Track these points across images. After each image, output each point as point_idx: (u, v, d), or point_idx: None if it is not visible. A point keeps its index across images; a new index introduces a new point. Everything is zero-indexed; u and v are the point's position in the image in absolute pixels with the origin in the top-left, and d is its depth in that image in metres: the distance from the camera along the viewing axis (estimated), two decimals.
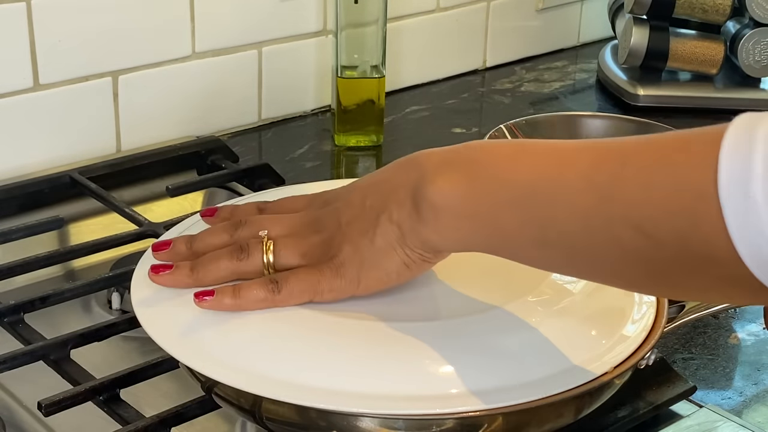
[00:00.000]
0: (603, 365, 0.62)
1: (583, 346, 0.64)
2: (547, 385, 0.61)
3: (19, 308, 0.80)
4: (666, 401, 0.75)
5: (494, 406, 0.60)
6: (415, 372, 0.61)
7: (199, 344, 0.64)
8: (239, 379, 0.62)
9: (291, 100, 1.29)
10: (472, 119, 1.31)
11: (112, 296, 0.92)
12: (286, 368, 0.62)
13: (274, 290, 0.65)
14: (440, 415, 0.60)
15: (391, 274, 0.65)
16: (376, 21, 1.18)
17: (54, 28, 1.07)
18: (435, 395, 0.60)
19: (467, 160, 0.61)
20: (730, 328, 0.88)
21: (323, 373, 0.61)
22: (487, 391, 0.60)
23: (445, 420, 0.60)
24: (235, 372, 0.62)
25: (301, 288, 0.65)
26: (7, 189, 1.00)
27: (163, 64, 1.16)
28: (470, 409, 0.60)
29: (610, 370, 0.62)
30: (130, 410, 0.70)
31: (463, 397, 0.60)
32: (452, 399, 0.60)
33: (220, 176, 1.06)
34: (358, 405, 0.60)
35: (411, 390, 0.60)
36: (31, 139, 1.09)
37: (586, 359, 0.62)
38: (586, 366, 0.62)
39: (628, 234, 0.54)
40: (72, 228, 1.01)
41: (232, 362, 0.63)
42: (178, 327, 0.66)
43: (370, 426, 0.60)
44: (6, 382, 0.79)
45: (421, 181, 0.62)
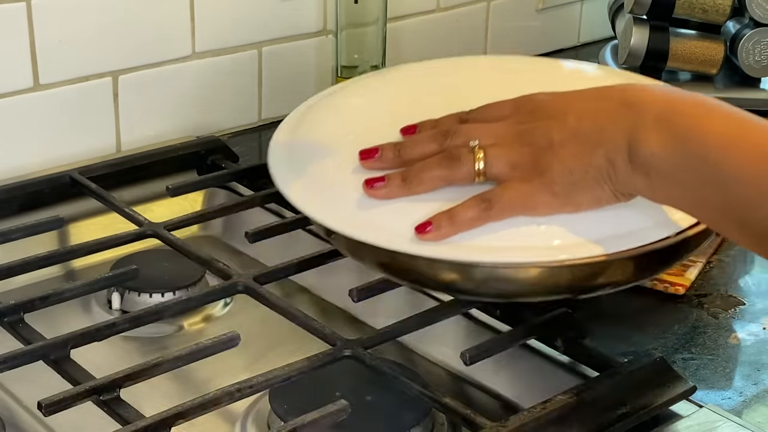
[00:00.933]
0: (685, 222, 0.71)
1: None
2: (652, 233, 0.70)
3: (19, 308, 0.80)
4: (666, 401, 0.75)
5: (617, 250, 0.69)
6: (556, 228, 0.70)
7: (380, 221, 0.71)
8: (436, 249, 0.69)
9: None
10: None
11: (112, 296, 0.92)
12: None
13: (486, 208, 0.69)
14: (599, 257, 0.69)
15: (601, 200, 0.68)
16: (376, 21, 1.18)
17: (54, 28, 1.07)
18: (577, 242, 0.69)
19: (686, 125, 0.64)
20: (730, 328, 0.88)
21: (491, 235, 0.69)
22: (606, 238, 0.69)
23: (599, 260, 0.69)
24: (419, 244, 0.69)
25: (514, 202, 0.69)
26: (7, 189, 1.00)
27: (163, 64, 1.16)
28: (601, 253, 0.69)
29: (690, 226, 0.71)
30: (130, 410, 0.70)
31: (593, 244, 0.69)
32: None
33: (220, 176, 1.06)
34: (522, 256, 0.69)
35: (552, 242, 0.69)
36: (31, 139, 1.09)
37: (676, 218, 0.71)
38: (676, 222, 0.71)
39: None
40: (72, 228, 1.01)
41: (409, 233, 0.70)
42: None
43: (532, 273, 0.70)
44: (6, 382, 0.79)
45: (636, 132, 0.65)
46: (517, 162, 0.69)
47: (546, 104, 0.71)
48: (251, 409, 0.78)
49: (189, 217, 0.96)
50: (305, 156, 0.80)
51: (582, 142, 0.67)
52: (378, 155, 0.74)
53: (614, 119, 0.66)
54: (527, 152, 0.69)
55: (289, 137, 0.83)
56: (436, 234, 0.69)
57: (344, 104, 0.87)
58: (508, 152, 0.69)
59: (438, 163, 0.71)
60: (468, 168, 0.70)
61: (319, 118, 0.85)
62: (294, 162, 0.80)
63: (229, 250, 1.04)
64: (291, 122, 0.86)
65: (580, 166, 0.67)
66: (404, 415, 0.74)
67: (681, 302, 0.92)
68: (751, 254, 1.01)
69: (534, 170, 0.68)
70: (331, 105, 0.87)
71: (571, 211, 0.69)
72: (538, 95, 0.72)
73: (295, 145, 0.81)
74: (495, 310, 0.84)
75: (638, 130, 0.65)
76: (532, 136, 0.69)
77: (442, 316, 0.82)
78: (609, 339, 0.86)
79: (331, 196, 0.75)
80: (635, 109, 0.66)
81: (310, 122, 0.85)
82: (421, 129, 0.76)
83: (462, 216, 0.69)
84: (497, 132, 0.71)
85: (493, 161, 0.69)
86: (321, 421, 0.68)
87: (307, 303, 0.95)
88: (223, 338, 0.76)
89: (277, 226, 0.95)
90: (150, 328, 0.85)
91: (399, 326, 0.79)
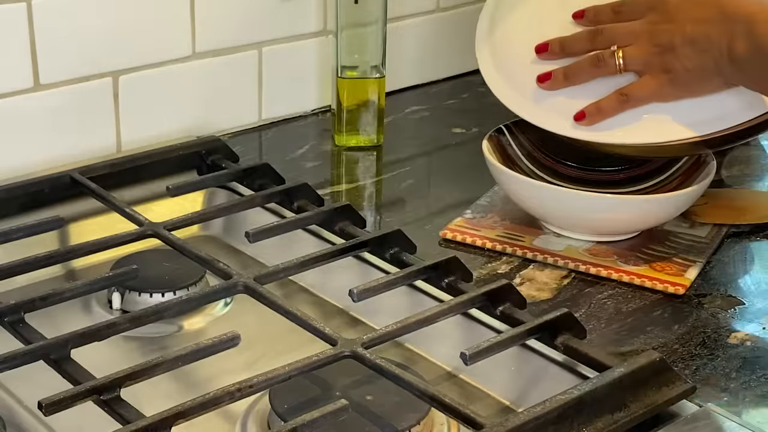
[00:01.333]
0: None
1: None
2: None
3: (20, 308, 0.80)
4: (666, 401, 0.75)
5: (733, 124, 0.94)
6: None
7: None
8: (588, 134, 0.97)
9: (291, 100, 1.29)
10: (472, 119, 1.31)
11: (112, 296, 0.92)
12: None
13: (625, 101, 0.94)
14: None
15: (713, 90, 0.93)
16: (376, 21, 1.18)
17: (54, 28, 1.07)
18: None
19: (763, 33, 0.86)
20: (730, 328, 0.88)
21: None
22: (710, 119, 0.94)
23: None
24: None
25: (646, 95, 0.94)
26: (7, 189, 1.00)
27: (163, 64, 1.16)
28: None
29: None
30: (130, 410, 0.70)
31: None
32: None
33: (220, 176, 1.06)
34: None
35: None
36: (32, 139, 1.09)
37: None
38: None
39: None
40: (72, 228, 1.01)
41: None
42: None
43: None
44: (6, 382, 0.79)
45: (731, 41, 0.88)
46: (647, 61, 0.94)
47: (672, 9, 0.93)
48: (251, 409, 0.78)
49: (189, 217, 0.97)
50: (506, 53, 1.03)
51: (695, 47, 0.91)
52: (547, 50, 0.99)
53: (718, 29, 0.89)
54: (655, 52, 0.93)
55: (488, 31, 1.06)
56: (589, 120, 0.95)
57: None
58: (640, 53, 0.94)
59: (590, 64, 0.96)
60: (610, 67, 0.95)
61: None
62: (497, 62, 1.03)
63: (229, 250, 1.04)
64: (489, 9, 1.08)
65: (695, 66, 0.91)
66: (404, 415, 0.74)
67: (681, 302, 0.92)
68: (751, 254, 1.01)
69: (661, 68, 0.93)
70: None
71: (688, 97, 0.94)
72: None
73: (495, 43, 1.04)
74: (495, 310, 0.84)
75: (732, 39, 0.88)
76: (659, 38, 0.93)
77: (442, 316, 0.82)
78: (609, 339, 0.86)
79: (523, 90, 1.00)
80: (732, 20, 0.88)
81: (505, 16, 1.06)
82: (586, 14, 1.00)
83: (606, 106, 0.95)
84: (634, 32, 0.94)
85: (629, 61, 0.94)
86: (321, 421, 0.68)
87: (307, 303, 0.95)
88: (223, 338, 0.76)
89: (277, 226, 0.95)
90: (150, 328, 0.85)
91: (399, 326, 0.79)
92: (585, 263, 0.96)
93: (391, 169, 1.18)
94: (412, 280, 0.88)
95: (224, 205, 1.00)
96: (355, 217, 0.97)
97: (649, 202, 0.97)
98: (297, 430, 0.67)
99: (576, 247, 0.99)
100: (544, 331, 0.80)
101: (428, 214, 1.07)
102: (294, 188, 1.02)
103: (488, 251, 0.99)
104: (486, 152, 1.00)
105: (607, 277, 0.95)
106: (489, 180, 1.07)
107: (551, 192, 0.97)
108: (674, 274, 0.95)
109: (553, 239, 1.00)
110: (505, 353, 0.80)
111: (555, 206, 0.97)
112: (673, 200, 0.96)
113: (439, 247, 1.00)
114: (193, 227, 1.04)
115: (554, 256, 0.97)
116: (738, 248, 1.01)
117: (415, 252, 0.92)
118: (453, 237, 1.01)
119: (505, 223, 1.03)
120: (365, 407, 0.74)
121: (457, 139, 1.26)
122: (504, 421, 0.69)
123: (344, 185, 1.14)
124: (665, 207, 0.97)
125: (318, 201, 1.01)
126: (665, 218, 0.99)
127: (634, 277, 0.94)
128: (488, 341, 0.77)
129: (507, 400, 0.83)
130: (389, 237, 0.92)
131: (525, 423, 0.69)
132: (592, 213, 0.96)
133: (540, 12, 1.04)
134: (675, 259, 0.98)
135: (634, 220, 0.98)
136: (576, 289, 0.94)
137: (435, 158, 1.22)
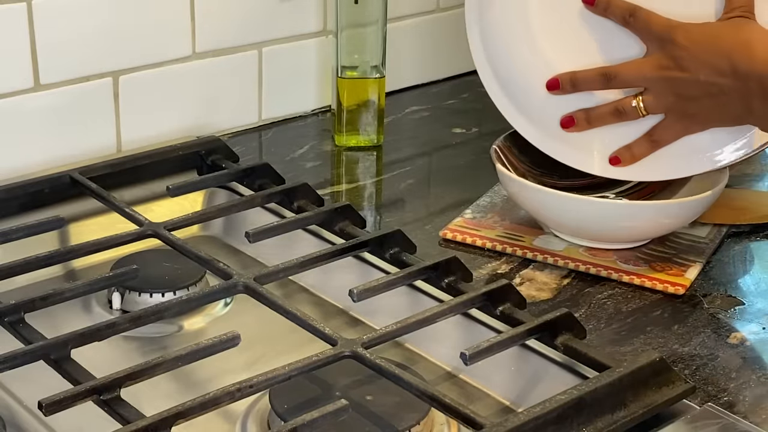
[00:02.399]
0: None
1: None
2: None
3: (20, 308, 0.80)
4: (666, 401, 0.75)
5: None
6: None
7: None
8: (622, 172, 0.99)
9: (291, 100, 1.29)
10: (472, 119, 1.31)
11: (112, 296, 0.92)
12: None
13: (655, 144, 0.96)
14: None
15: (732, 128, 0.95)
16: (376, 21, 1.18)
17: (54, 28, 1.07)
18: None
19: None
20: (730, 328, 0.88)
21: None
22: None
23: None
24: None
25: (676, 137, 0.96)
26: (7, 189, 1.00)
27: (163, 64, 1.16)
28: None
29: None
30: (130, 410, 0.70)
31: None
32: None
33: (220, 176, 1.06)
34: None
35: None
36: (32, 139, 1.09)
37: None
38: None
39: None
40: (72, 228, 1.01)
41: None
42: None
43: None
44: (6, 382, 0.79)
45: (747, 102, 0.89)
46: (669, 107, 0.94)
47: (681, 53, 0.92)
48: (251, 409, 0.78)
49: (189, 217, 0.97)
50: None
51: (714, 101, 0.91)
52: (560, 87, 0.98)
53: (733, 85, 0.89)
54: (674, 101, 0.93)
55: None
56: (624, 164, 0.97)
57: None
58: (660, 101, 0.94)
59: (612, 114, 0.96)
60: (633, 115, 0.96)
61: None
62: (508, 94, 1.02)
63: (229, 250, 1.04)
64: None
65: (717, 115, 0.92)
66: (404, 415, 0.74)
67: (681, 302, 0.92)
68: (751, 254, 1.01)
69: (683, 113, 0.94)
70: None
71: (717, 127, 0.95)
72: (678, 39, 0.92)
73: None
74: (495, 310, 0.84)
75: (749, 98, 0.89)
76: (676, 88, 0.93)
77: (442, 316, 0.82)
78: (609, 339, 0.86)
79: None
80: (746, 78, 0.88)
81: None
82: (598, 3, 0.97)
83: (639, 152, 0.97)
84: (646, 78, 0.94)
85: (651, 108, 0.95)
86: (321, 421, 0.68)
87: (307, 303, 0.95)
88: (223, 338, 0.76)
89: (277, 226, 0.95)
90: (150, 328, 0.85)
91: (399, 326, 0.79)
92: (585, 263, 0.96)
93: (391, 169, 1.18)
94: (412, 280, 0.88)
95: (224, 205, 1.00)
96: (355, 217, 0.97)
97: (671, 206, 0.96)
98: (297, 430, 0.67)
99: (576, 247, 0.99)
100: (544, 331, 0.80)
101: (428, 214, 1.07)
102: (294, 188, 1.02)
103: (488, 251, 0.99)
104: (498, 165, 1.00)
105: (607, 277, 0.95)
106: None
107: (575, 202, 0.96)
108: (674, 274, 0.95)
109: (553, 239, 1.00)
110: (505, 353, 0.80)
111: (584, 217, 0.96)
112: (695, 203, 0.96)
113: (439, 247, 1.00)
114: (193, 227, 1.03)
115: (554, 256, 0.97)
116: (738, 248, 1.01)
117: (415, 252, 0.92)
118: (453, 237, 1.01)
119: (505, 223, 1.03)
120: (365, 407, 0.74)
121: (457, 139, 1.26)
122: (504, 421, 0.69)
123: (344, 185, 1.14)
124: (686, 210, 0.97)
125: (318, 201, 1.01)
126: (683, 223, 0.99)
127: (634, 277, 0.94)
128: (488, 341, 0.77)
129: (507, 400, 0.83)
130: (389, 237, 0.92)
131: (525, 423, 0.69)
132: (617, 221, 0.96)
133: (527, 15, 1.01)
134: (675, 259, 0.98)
135: (650, 226, 0.97)
136: (576, 289, 0.94)
137: (435, 158, 1.22)
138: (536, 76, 0.99)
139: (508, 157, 1.02)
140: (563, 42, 0.99)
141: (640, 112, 0.95)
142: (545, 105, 0.99)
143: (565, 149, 0.99)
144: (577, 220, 0.97)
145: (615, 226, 0.96)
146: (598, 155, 0.98)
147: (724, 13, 0.93)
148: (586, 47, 0.98)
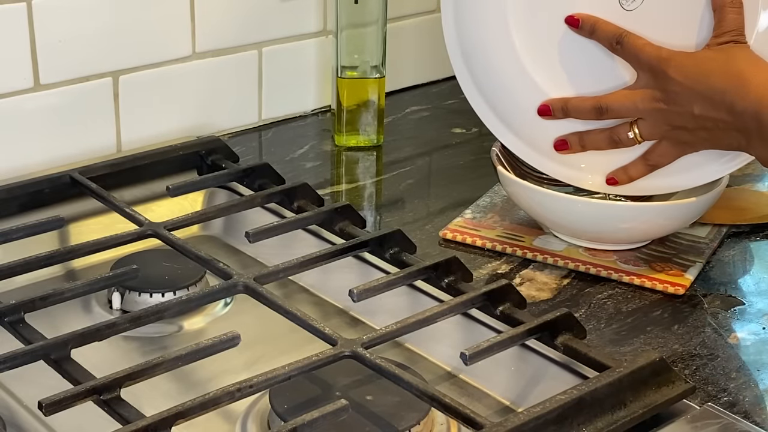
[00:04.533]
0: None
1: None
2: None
3: (20, 308, 0.80)
4: (666, 401, 0.75)
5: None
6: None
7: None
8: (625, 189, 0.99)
9: (291, 100, 1.29)
10: (472, 119, 1.31)
11: (112, 296, 0.92)
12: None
13: (651, 167, 0.96)
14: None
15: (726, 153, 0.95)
16: (376, 21, 1.18)
17: (54, 28, 1.07)
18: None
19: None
20: (730, 328, 0.88)
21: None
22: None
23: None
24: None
25: (671, 160, 0.95)
26: (7, 189, 1.00)
27: (163, 64, 1.16)
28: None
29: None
30: (130, 410, 0.70)
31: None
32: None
33: (220, 176, 1.06)
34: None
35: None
36: (32, 139, 1.09)
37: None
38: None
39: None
40: (72, 228, 1.01)
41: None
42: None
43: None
44: (6, 382, 0.79)
45: (745, 138, 0.89)
46: (664, 135, 0.93)
47: (672, 85, 0.90)
48: (251, 409, 0.78)
49: (189, 217, 0.97)
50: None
51: (710, 133, 0.90)
52: (552, 114, 0.96)
53: (728, 120, 0.88)
54: (669, 129, 0.92)
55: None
56: (621, 184, 0.97)
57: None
58: (655, 129, 0.93)
59: (607, 142, 0.95)
60: (628, 143, 0.94)
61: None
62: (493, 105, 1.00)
63: (229, 250, 1.04)
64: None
65: (713, 144, 0.92)
66: (404, 415, 0.74)
67: (681, 302, 0.92)
68: (751, 254, 1.01)
69: (679, 140, 0.93)
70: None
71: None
72: (670, 72, 0.90)
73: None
74: (495, 310, 0.84)
75: (747, 136, 0.88)
76: (670, 120, 0.92)
77: (442, 316, 0.82)
78: (609, 339, 0.86)
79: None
80: (741, 115, 0.87)
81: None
82: (582, 25, 0.95)
83: (635, 173, 0.96)
84: (638, 110, 0.93)
85: (646, 136, 0.94)
86: (321, 421, 0.68)
87: (307, 303, 0.95)
88: (223, 338, 0.76)
89: (277, 226, 0.95)
90: (150, 328, 0.85)
91: (399, 326, 0.79)
92: (585, 263, 0.96)
93: (391, 169, 1.18)
94: (412, 280, 0.88)
95: (224, 205, 1.00)
96: (355, 217, 0.97)
97: (671, 207, 0.96)
98: (297, 430, 0.67)
99: (576, 247, 0.99)
100: (544, 331, 0.80)
101: (428, 214, 1.07)
102: (294, 188, 1.02)
103: (488, 251, 0.99)
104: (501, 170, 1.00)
105: (607, 277, 0.95)
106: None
107: (582, 204, 0.96)
108: (674, 274, 0.95)
109: (553, 239, 1.00)
110: (505, 353, 0.80)
111: (585, 219, 0.97)
112: (695, 205, 0.96)
113: (439, 247, 1.00)
114: (193, 227, 1.04)
115: (554, 257, 0.97)
116: (738, 248, 1.01)
117: (415, 252, 0.92)
118: (453, 237, 1.01)
119: (505, 223, 1.03)
120: (365, 407, 0.75)
121: (457, 139, 1.26)
122: (504, 421, 0.69)
123: (344, 185, 1.14)
124: (686, 212, 0.96)
125: (318, 201, 1.01)
126: (683, 224, 1.00)
127: (633, 278, 0.94)
128: (488, 341, 0.77)
129: (507, 400, 0.83)
130: (389, 237, 0.92)
131: (525, 423, 0.69)
132: (620, 223, 0.96)
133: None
134: (675, 259, 0.98)
135: (653, 227, 0.98)
136: (576, 289, 0.94)
137: (435, 158, 1.22)
138: (524, 97, 0.97)
139: (508, 158, 1.02)
140: (549, 62, 0.96)
141: (637, 140, 0.94)
142: (534, 125, 0.97)
143: (555, 166, 0.98)
144: (577, 222, 0.97)
145: (615, 228, 0.96)
146: (588, 170, 0.98)
147: (714, 37, 0.91)
148: (573, 69, 0.96)
